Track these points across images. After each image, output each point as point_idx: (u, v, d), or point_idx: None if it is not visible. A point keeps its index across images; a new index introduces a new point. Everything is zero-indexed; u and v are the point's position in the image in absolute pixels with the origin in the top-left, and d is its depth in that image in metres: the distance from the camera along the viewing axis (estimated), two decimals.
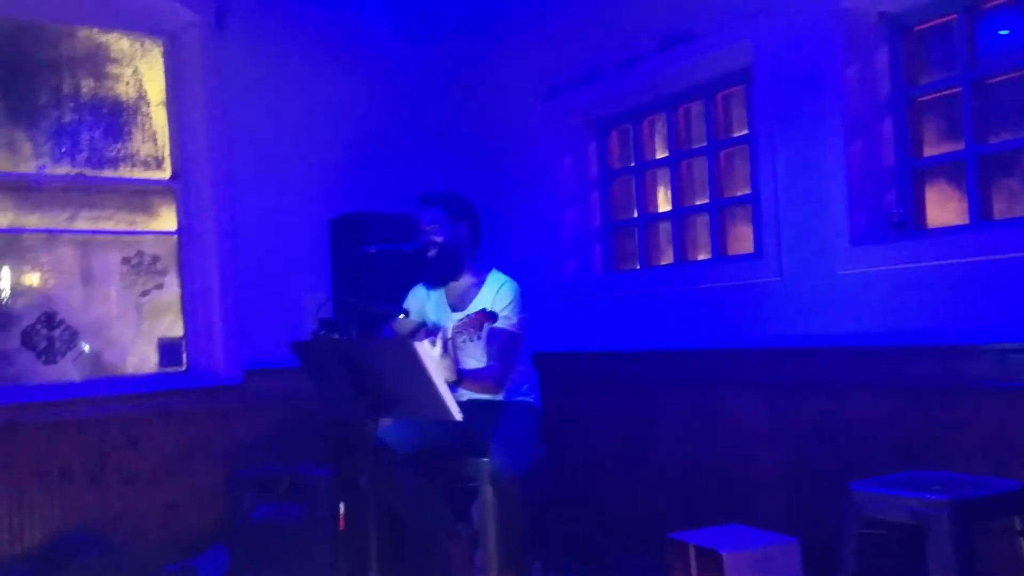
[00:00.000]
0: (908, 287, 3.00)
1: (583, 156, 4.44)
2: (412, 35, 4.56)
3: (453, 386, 2.85)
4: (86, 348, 3.93)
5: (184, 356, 4.11)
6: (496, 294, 3.15)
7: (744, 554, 2.82)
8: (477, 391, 3.08)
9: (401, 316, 3.25)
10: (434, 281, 3.28)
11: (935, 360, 2.87)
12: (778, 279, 3.39)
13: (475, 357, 3.17)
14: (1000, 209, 3.00)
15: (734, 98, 3.84)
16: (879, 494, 2.38)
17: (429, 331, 3.27)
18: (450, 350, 2.88)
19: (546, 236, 4.42)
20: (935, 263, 2.95)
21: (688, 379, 3.70)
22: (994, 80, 2.99)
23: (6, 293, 3.77)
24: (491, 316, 2.91)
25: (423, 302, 3.34)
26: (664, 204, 4.18)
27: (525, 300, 3.19)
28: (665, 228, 4.17)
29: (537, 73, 4.44)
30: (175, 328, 4.12)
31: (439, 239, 3.20)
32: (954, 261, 2.90)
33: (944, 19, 3.10)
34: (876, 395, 3.02)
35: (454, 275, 3.25)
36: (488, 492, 2.96)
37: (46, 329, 3.84)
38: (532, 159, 4.49)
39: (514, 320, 3.11)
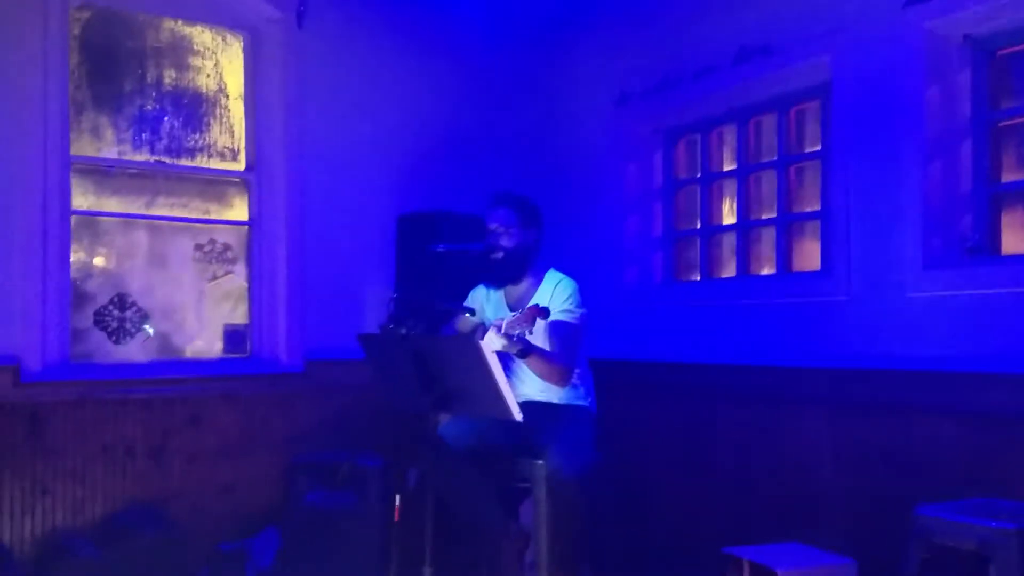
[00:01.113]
0: (980, 313, 2.95)
1: (648, 164, 4.44)
2: (487, 38, 4.61)
3: (520, 357, 2.85)
4: (154, 331, 4.04)
5: (248, 343, 4.20)
6: (553, 291, 3.17)
7: (799, 572, 2.80)
8: (543, 374, 3.06)
9: (466, 315, 3.28)
10: (496, 282, 3.31)
11: (1006, 388, 2.82)
12: (846, 298, 3.36)
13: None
14: None
15: (808, 113, 3.81)
16: (945, 519, 2.35)
17: (486, 328, 3.30)
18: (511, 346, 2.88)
19: (608, 243, 4.43)
20: (1009, 290, 2.89)
21: (749, 394, 3.67)
22: None
23: (83, 274, 3.88)
24: (543, 312, 2.89)
25: (483, 302, 3.37)
26: (728, 217, 4.16)
27: (584, 296, 3.19)
28: (728, 241, 4.15)
29: (609, 80, 4.45)
30: (241, 315, 4.22)
31: (507, 245, 3.22)
32: None
33: None
34: (944, 420, 2.97)
35: (516, 279, 3.27)
36: (542, 493, 2.98)
37: (118, 310, 3.95)
38: (598, 166, 4.50)
39: (576, 313, 3.12)
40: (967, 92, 3.17)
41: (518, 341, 2.77)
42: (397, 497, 2.92)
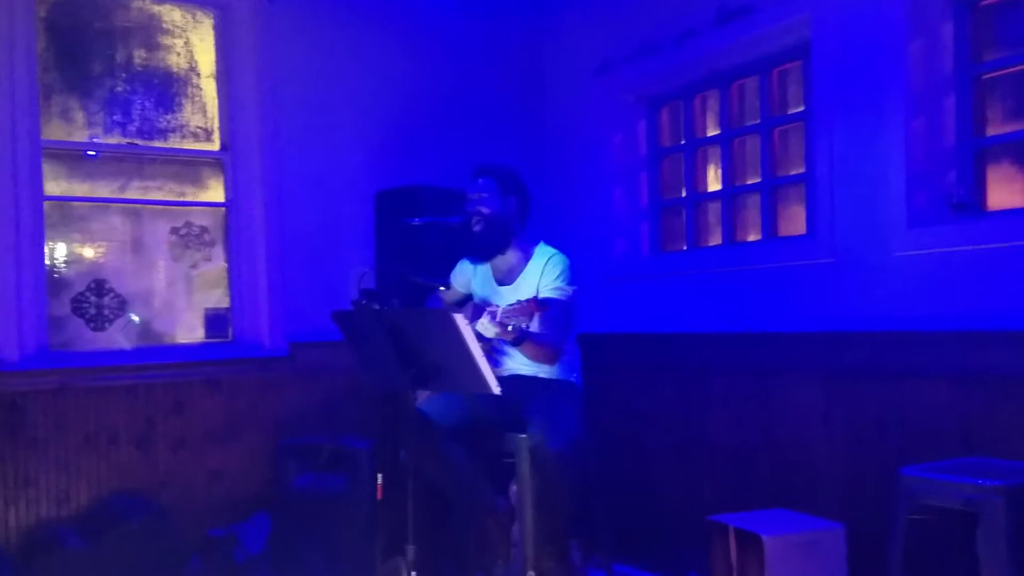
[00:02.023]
0: (968, 270, 2.89)
1: (633, 133, 4.37)
2: (466, 9, 4.52)
3: (513, 345, 2.81)
4: (134, 317, 3.99)
5: (230, 327, 4.15)
6: (544, 267, 3.11)
7: (786, 538, 2.75)
8: (534, 357, 3.02)
9: (442, 288, 3.23)
10: (478, 255, 3.25)
11: (996, 345, 2.76)
12: (832, 260, 3.30)
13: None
14: None
15: (790, 74, 3.73)
16: (930, 479, 2.31)
17: (476, 306, 3.25)
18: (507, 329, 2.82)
19: (594, 215, 4.37)
20: (996, 246, 2.84)
21: (738, 362, 3.62)
22: None
23: (58, 261, 3.82)
24: (543, 304, 2.84)
25: (469, 277, 3.32)
26: (714, 183, 4.10)
27: (574, 271, 3.14)
28: (714, 208, 4.09)
29: (590, 47, 4.38)
30: (222, 299, 4.16)
31: (485, 211, 3.17)
32: (1017, 244, 2.78)
33: None
34: (934, 381, 2.92)
35: (499, 249, 3.21)
36: (527, 468, 2.94)
37: (95, 297, 3.89)
38: (582, 136, 4.43)
39: (567, 290, 3.07)
40: (950, 45, 3.09)
41: (514, 331, 2.73)
42: (379, 476, 2.89)
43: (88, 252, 3.91)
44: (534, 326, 3.02)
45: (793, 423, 3.39)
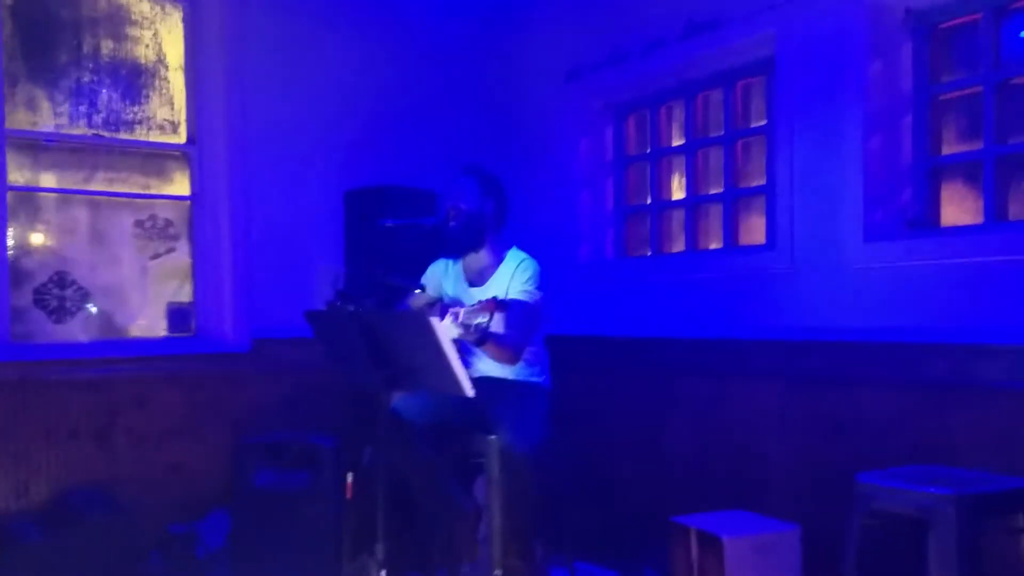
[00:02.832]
0: (921, 285, 3.02)
1: (600, 140, 4.44)
2: (438, 10, 4.54)
3: (475, 345, 2.86)
4: (96, 309, 3.95)
5: (193, 322, 4.13)
6: (515, 271, 3.16)
7: (744, 539, 2.85)
8: (496, 357, 3.08)
9: (417, 291, 3.26)
10: (452, 251, 3.29)
11: (947, 358, 2.89)
12: (790, 271, 3.41)
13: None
14: (1016, 210, 3.02)
15: (754, 88, 3.83)
16: (885, 486, 2.41)
17: (444, 306, 3.29)
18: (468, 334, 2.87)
19: (561, 219, 4.43)
20: (949, 262, 2.96)
21: (699, 367, 3.72)
22: (1017, 81, 3.00)
23: (20, 251, 3.77)
24: (502, 305, 2.89)
25: (441, 277, 3.35)
26: (678, 192, 4.19)
27: (543, 279, 3.20)
28: (678, 216, 4.18)
29: (560, 53, 4.44)
30: (185, 293, 4.14)
31: (463, 207, 3.21)
32: (968, 260, 2.91)
33: (970, 18, 3.10)
34: (887, 390, 3.04)
35: (472, 247, 3.25)
36: (495, 469, 2.99)
37: (58, 288, 3.85)
38: (551, 140, 4.49)
39: (536, 294, 3.13)
40: (908, 66, 3.22)
41: (475, 331, 2.77)
42: (349, 475, 2.91)
43: (51, 243, 3.87)
44: (497, 326, 3.07)
45: (751, 427, 3.50)
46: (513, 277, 3.14)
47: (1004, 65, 3.01)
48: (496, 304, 2.83)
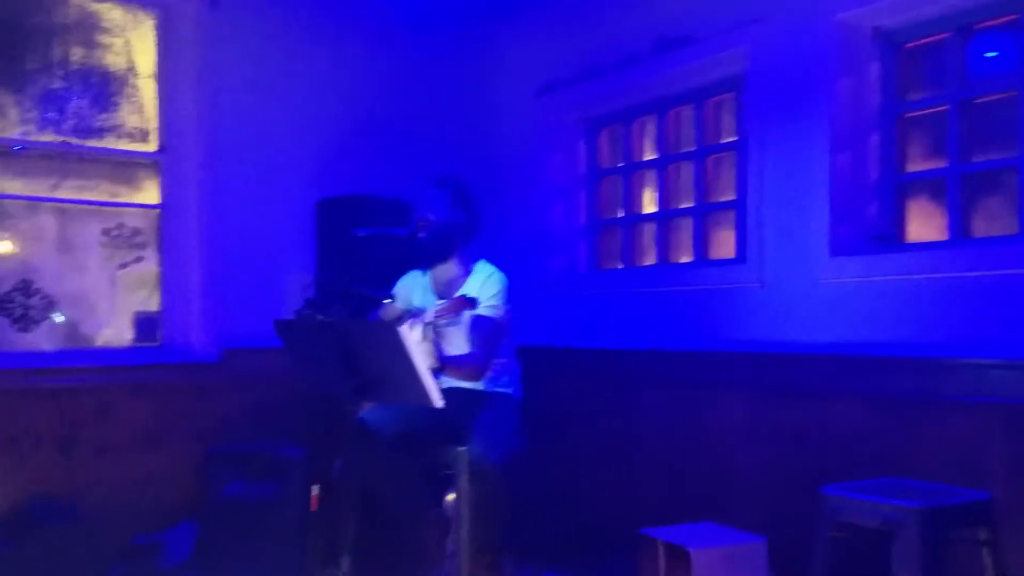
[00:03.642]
0: (886, 299, 3.06)
1: (573, 154, 4.46)
2: (412, 22, 4.55)
3: (436, 373, 2.86)
4: (62, 318, 3.89)
5: (160, 332, 4.08)
6: (483, 283, 3.16)
7: (711, 551, 2.86)
8: (459, 378, 3.09)
9: (387, 301, 3.25)
10: (422, 261, 3.29)
11: (912, 372, 2.93)
12: (759, 285, 3.44)
13: (456, 344, 3.18)
14: (979, 227, 3.07)
15: (724, 104, 3.88)
16: (851, 499, 2.43)
17: (413, 315, 3.28)
18: (429, 335, 2.89)
19: (534, 231, 4.45)
20: (914, 277, 3.01)
21: (669, 379, 3.74)
22: (981, 100, 3.05)
23: None
24: (470, 302, 2.91)
25: (411, 289, 3.35)
26: (650, 205, 4.22)
27: (511, 292, 3.21)
28: (650, 229, 4.21)
29: (533, 68, 4.46)
30: (152, 303, 4.09)
31: (433, 218, 3.21)
32: (933, 276, 2.96)
33: (936, 38, 3.16)
34: (852, 404, 3.07)
35: (442, 258, 3.25)
36: (465, 480, 2.98)
37: (22, 296, 3.79)
38: (524, 154, 4.51)
39: (501, 310, 3.13)
40: (876, 84, 3.27)
41: (433, 357, 2.76)
42: (314, 487, 2.89)
43: (17, 251, 3.81)
44: (462, 341, 3.08)
45: (719, 439, 3.51)
46: (481, 291, 3.14)
47: (969, 84, 3.07)
48: (465, 301, 2.84)
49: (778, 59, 3.40)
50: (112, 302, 4.03)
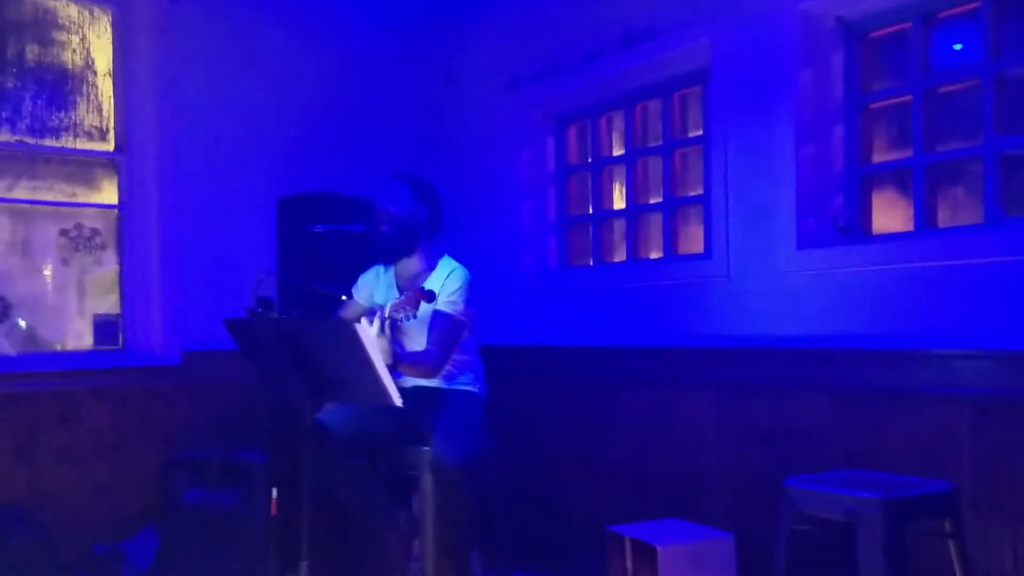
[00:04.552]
0: (853, 291, 3.03)
1: (541, 150, 4.42)
2: (376, 19, 4.50)
3: (392, 370, 2.81)
4: (21, 323, 3.81)
5: (120, 335, 4.00)
6: (445, 279, 3.12)
7: (678, 547, 2.83)
8: (414, 375, 3.04)
9: (344, 298, 3.20)
10: (384, 257, 3.25)
11: (877, 364, 2.90)
12: (726, 279, 3.41)
13: (414, 339, 3.13)
14: (944, 217, 3.05)
15: (691, 98, 3.84)
16: (813, 491, 2.40)
17: (372, 312, 3.23)
18: (387, 331, 2.83)
19: (503, 229, 4.40)
20: (880, 268, 2.98)
21: (638, 376, 3.69)
22: (945, 90, 3.03)
23: None
24: (428, 295, 2.86)
25: (372, 285, 3.30)
26: (619, 201, 4.18)
27: (474, 290, 3.16)
28: (619, 225, 4.17)
29: (500, 63, 4.41)
30: (112, 305, 4.01)
31: (394, 211, 3.17)
32: (898, 267, 2.93)
33: (899, 27, 3.14)
34: (819, 397, 3.04)
35: (405, 253, 3.20)
36: (428, 481, 2.93)
37: None
38: (492, 150, 4.46)
39: (460, 307, 3.08)
40: (840, 74, 3.24)
41: (387, 355, 2.71)
42: (274, 491, 2.83)
43: None
44: (420, 336, 3.03)
45: (688, 435, 3.47)
46: (443, 287, 3.09)
47: (932, 74, 3.05)
48: (423, 293, 2.79)
49: (741, 51, 3.36)
50: (72, 305, 3.95)
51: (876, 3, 3.12)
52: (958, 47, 3.07)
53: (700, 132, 3.76)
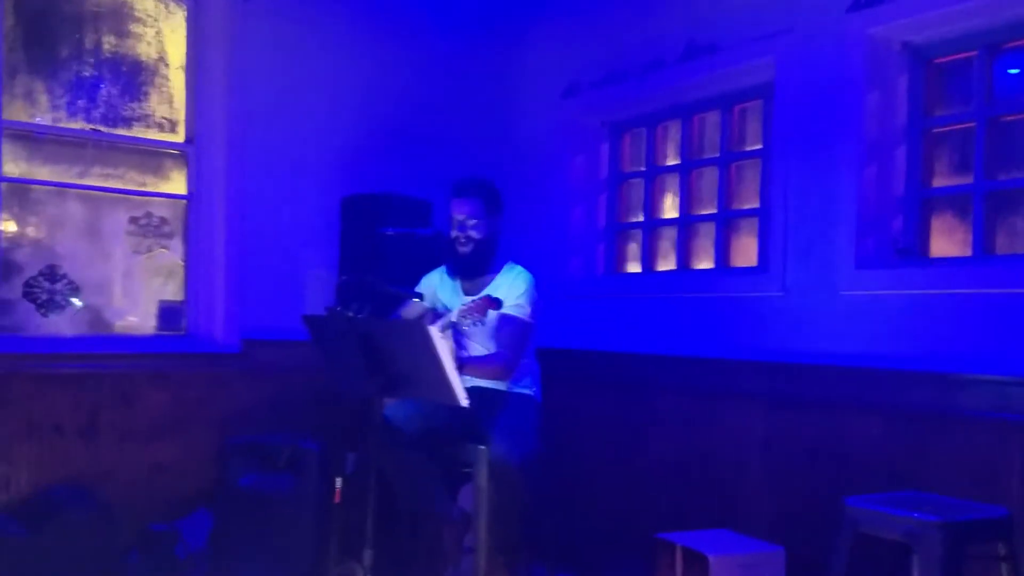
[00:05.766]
0: (909, 313, 3.07)
1: (595, 156, 4.48)
2: (440, 23, 4.57)
3: (459, 370, 2.89)
4: (86, 304, 3.93)
5: (183, 321, 4.12)
6: (511, 283, 3.19)
7: (730, 558, 2.88)
8: (484, 377, 3.11)
9: (415, 300, 3.28)
10: (464, 274, 3.29)
11: (931, 386, 2.94)
12: (781, 294, 3.46)
13: (480, 343, 3.21)
14: (1003, 244, 3.08)
15: (750, 112, 3.89)
16: (873, 510, 2.45)
17: (437, 315, 3.31)
18: (451, 334, 2.92)
19: (554, 233, 4.46)
20: (937, 292, 3.02)
21: (686, 385, 3.75)
22: (1008, 119, 3.07)
23: (11, 243, 3.75)
24: (495, 302, 2.95)
25: (436, 287, 3.37)
26: (670, 211, 4.24)
27: (538, 292, 3.23)
28: (669, 234, 4.23)
29: (558, 70, 4.48)
30: (177, 292, 4.13)
31: (477, 236, 3.21)
32: (955, 291, 2.97)
33: (965, 55, 3.17)
34: (871, 416, 3.09)
35: (487, 271, 3.26)
36: (484, 479, 3.01)
37: (48, 282, 3.83)
38: (546, 155, 4.52)
39: (527, 309, 3.15)
40: (904, 98, 3.28)
41: (456, 359, 2.78)
42: (338, 480, 2.92)
43: (43, 236, 3.85)
44: (485, 340, 3.10)
45: (734, 447, 3.53)
46: (508, 291, 3.16)
47: (996, 102, 3.09)
48: (491, 301, 2.87)
49: (806, 70, 3.41)
50: (137, 290, 4.07)
51: (942, 30, 3.16)
52: (1018, 72, 3.10)
53: (758, 146, 3.81)
